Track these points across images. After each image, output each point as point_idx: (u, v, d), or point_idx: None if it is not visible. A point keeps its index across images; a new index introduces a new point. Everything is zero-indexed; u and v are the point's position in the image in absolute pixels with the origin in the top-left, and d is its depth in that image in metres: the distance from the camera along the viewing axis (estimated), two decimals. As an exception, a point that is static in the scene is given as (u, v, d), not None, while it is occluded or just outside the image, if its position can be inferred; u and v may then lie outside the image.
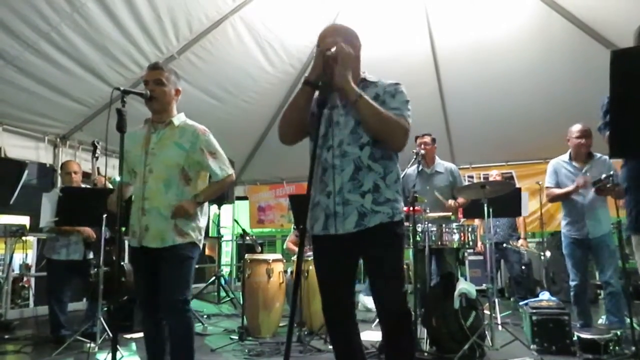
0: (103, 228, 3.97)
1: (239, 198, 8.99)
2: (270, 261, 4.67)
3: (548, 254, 5.88)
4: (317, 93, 2.09)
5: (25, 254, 5.89)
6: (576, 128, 4.24)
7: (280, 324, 4.84)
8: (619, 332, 3.62)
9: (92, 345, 3.91)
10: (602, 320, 4.53)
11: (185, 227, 2.70)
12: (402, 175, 2.75)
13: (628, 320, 3.70)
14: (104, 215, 3.89)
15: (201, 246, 2.84)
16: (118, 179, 2.67)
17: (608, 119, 2.29)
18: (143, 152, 2.75)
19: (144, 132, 2.84)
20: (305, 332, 4.48)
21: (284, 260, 4.90)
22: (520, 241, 6.33)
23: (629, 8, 4.68)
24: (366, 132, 2.10)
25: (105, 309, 4.15)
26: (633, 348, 3.50)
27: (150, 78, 2.74)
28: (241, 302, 4.95)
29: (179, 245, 2.67)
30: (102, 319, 3.97)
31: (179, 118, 2.84)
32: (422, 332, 3.85)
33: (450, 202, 4.38)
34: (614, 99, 1.67)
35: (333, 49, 1.99)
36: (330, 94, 2.10)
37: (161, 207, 2.67)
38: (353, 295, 2.26)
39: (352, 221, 2.06)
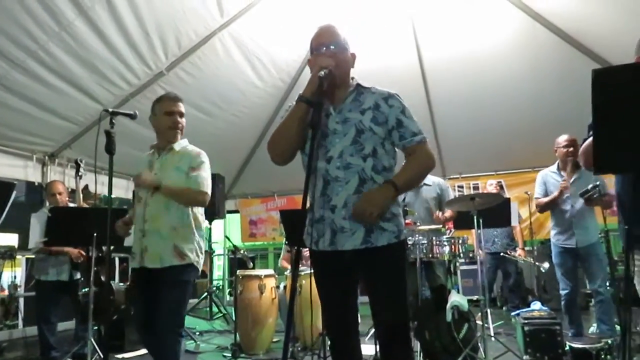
0: (93, 247, 3.94)
1: (230, 212, 8.96)
2: (263, 277, 4.66)
3: (547, 265, 5.87)
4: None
5: (13, 274, 5.82)
6: (562, 138, 4.32)
7: (274, 340, 4.82)
8: (610, 341, 3.64)
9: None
10: (593, 328, 4.56)
11: (184, 249, 2.77)
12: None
13: (618, 327, 3.74)
14: (94, 235, 3.87)
15: (200, 268, 2.89)
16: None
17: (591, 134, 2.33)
18: None
19: (150, 157, 2.97)
20: (299, 348, 4.46)
21: (276, 276, 4.89)
22: (519, 251, 6.34)
23: (612, 20, 4.77)
24: None
25: (96, 328, 4.11)
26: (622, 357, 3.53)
27: (176, 110, 2.91)
28: (234, 317, 4.92)
29: (177, 267, 2.73)
30: (92, 339, 3.93)
31: (180, 144, 2.96)
32: (416, 345, 3.85)
33: (438, 213, 4.42)
34: (597, 117, 1.70)
35: (323, 72, 1.98)
36: (323, 103, 2.06)
37: (162, 228, 2.76)
38: (357, 311, 2.22)
39: (359, 237, 2.02)
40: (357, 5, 5.49)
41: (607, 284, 4.21)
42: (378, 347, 2.25)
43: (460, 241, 4.07)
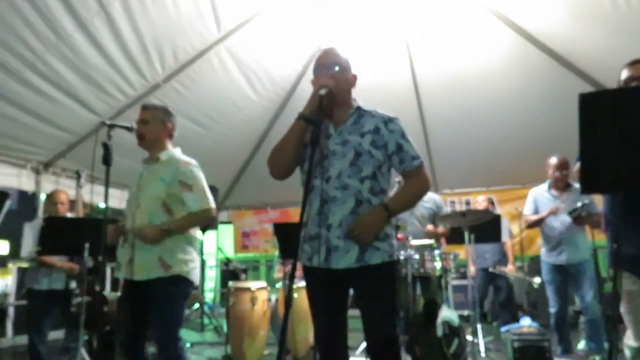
0: (85, 257, 3.94)
1: (223, 223, 8.96)
2: (254, 289, 4.66)
3: (538, 279, 5.91)
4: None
5: (4, 282, 5.78)
6: (553, 161, 4.33)
7: (264, 352, 4.82)
8: (597, 358, 3.68)
9: (73, 377, 3.84)
10: (581, 345, 4.60)
11: (170, 260, 2.72)
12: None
13: (605, 345, 3.78)
14: (87, 244, 3.87)
15: (195, 279, 2.82)
16: (102, 206, 2.73)
17: None
18: (136, 189, 2.85)
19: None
20: (290, 361, 4.47)
21: (268, 288, 4.89)
22: (509, 266, 6.38)
23: (602, 41, 4.87)
24: None
25: (86, 338, 4.09)
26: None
27: (137, 119, 2.89)
28: (225, 330, 4.91)
29: (164, 279, 2.68)
30: (83, 350, 3.91)
31: (167, 153, 2.91)
32: (406, 360, 3.87)
33: (430, 226, 4.47)
34: (584, 139, 1.77)
35: (323, 91, 2.04)
36: (323, 125, 2.14)
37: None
38: (346, 326, 2.26)
39: (353, 256, 2.07)
40: (353, 22, 5.59)
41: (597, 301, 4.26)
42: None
43: (451, 257, 4.11)
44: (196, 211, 2.78)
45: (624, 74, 2.40)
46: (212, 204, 2.85)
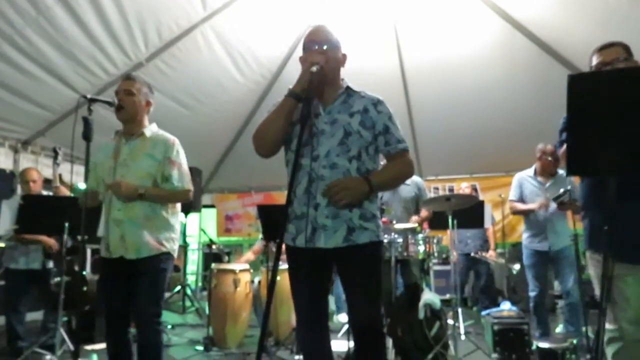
0: (64, 236, 3.87)
1: (206, 206, 8.88)
2: (237, 271, 4.64)
3: (517, 266, 5.99)
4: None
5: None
6: (549, 148, 4.31)
7: (247, 334, 4.81)
8: (575, 341, 3.75)
9: (51, 357, 3.80)
10: (559, 329, 4.68)
11: (161, 237, 2.73)
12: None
13: (584, 329, 3.86)
14: (66, 224, 3.80)
15: (176, 253, 2.85)
16: (81, 186, 2.66)
17: (563, 137, 2.41)
18: (114, 164, 2.75)
19: (114, 143, 2.85)
20: (272, 343, 4.47)
21: (251, 270, 4.88)
22: (490, 252, 6.45)
23: (587, 30, 4.89)
24: None
25: (66, 319, 4.04)
26: (588, 356, 3.65)
27: (121, 88, 2.79)
28: (207, 312, 4.90)
29: (155, 257, 2.68)
30: (62, 329, 3.86)
31: (150, 129, 2.87)
32: (388, 342, 3.89)
33: (414, 218, 4.49)
34: (571, 120, 1.76)
35: (315, 68, 2.00)
36: (313, 104, 2.10)
37: (136, 217, 2.69)
38: (327, 304, 2.26)
39: (340, 235, 2.05)
40: (341, 5, 5.52)
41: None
42: (352, 341, 2.28)
43: (435, 240, 4.12)
44: (178, 189, 2.81)
45: (594, 59, 2.42)
46: (191, 185, 2.90)
